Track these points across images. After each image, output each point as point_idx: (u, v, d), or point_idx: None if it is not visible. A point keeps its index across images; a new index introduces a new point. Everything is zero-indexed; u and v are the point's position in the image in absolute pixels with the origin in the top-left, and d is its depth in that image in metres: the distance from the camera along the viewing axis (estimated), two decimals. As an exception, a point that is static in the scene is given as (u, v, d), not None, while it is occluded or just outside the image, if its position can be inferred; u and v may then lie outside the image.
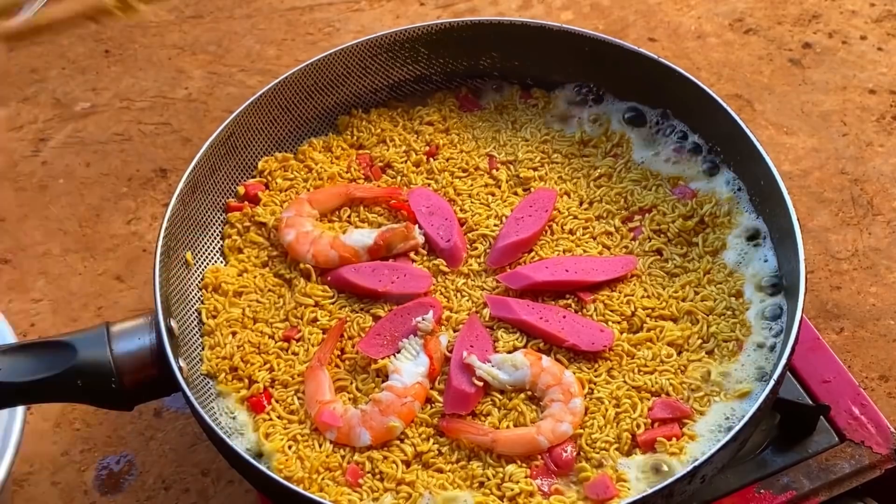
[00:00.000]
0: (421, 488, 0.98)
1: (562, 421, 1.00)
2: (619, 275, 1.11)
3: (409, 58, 1.30)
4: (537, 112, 1.29)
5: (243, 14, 1.86)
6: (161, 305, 1.04)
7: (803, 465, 1.05)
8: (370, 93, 1.30)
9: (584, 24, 1.78)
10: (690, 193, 1.18)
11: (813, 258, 1.43)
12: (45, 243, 1.52)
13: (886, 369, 1.32)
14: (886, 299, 1.39)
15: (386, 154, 1.25)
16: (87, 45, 1.80)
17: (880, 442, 1.06)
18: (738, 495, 1.03)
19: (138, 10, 1.80)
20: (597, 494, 0.96)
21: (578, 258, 1.13)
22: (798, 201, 1.49)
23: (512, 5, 1.85)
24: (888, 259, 1.43)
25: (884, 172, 1.53)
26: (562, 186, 1.20)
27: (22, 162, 1.63)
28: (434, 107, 1.30)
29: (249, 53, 1.79)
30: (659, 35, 1.76)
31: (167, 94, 1.73)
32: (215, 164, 1.19)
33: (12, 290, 1.47)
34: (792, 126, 1.61)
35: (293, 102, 1.26)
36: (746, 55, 1.72)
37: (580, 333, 1.06)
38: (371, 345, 1.07)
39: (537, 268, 1.11)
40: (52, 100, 1.72)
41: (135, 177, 1.60)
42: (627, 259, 1.12)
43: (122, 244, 1.52)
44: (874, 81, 1.66)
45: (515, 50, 1.29)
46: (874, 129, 1.59)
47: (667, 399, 1.02)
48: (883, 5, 1.78)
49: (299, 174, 1.24)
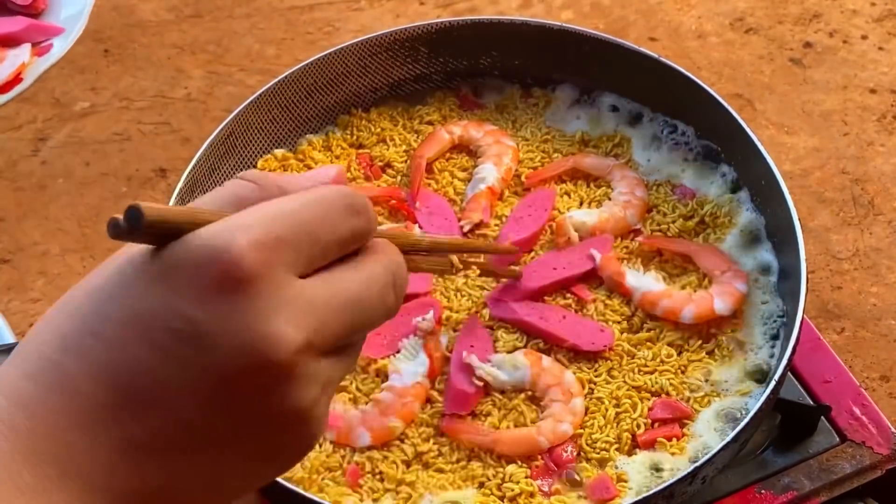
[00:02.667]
0: (421, 488, 0.98)
1: (562, 421, 1.00)
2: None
3: (409, 57, 1.30)
4: (537, 111, 1.29)
5: (243, 13, 1.86)
6: (160, 305, 1.04)
7: (804, 466, 1.05)
8: (370, 92, 1.30)
9: (585, 23, 1.78)
10: (690, 193, 1.18)
11: (814, 258, 1.43)
12: (44, 243, 1.52)
13: (887, 369, 1.32)
14: (887, 299, 1.39)
15: (386, 153, 1.25)
16: (86, 45, 1.80)
17: (881, 442, 1.06)
18: (739, 496, 1.02)
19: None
20: (597, 495, 0.96)
21: (560, 252, 1.12)
22: (799, 201, 1.49)
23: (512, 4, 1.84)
24: (889, 259, 1.43)
25: (885, 172, 1.53)
26: (562, 186, 1.20)
27: (21, 161, 1.63)
28: (434, 106, 1.30)
29: (249, 53, 1.78)
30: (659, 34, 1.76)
31: (166, 94, 1.72)
32: (215, 164, 1.19)
33: (11, 289, 1.47)
34: (793, 125, 1.61)
35: (293, 102, 1.25)
36: (747, 55, 1.72)
37: (580, 333, 1.06)
38: (371, 344, 1.07)
39: (527, 274, 1.10)
40: (52, 99, 1.72)
41: (134, 176, 1.60)
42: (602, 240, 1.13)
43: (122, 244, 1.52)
44: (875, 81, 1.66)
45: (516, 49, 1.29)
46: (875, 129, 1.59)
47: (667, 399, 1.02)
48: (884, 5, 1.78)
49: (299, 173, 1.23)
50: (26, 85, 1.17)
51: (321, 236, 0.53)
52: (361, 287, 0.55)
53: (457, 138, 1.24)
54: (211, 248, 0.50)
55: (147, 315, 0.50)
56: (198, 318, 0.49)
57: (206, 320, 0.49)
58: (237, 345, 0.49)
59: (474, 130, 1.24)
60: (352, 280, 0.55)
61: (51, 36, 1.23)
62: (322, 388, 0.53)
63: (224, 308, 0.49)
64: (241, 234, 0.50)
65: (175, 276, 0.50)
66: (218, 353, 0.49)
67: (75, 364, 0.50)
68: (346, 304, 0.54)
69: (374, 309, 0.56)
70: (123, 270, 0.52)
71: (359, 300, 0.55)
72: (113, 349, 0.50)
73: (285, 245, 0.51)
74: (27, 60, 1.19)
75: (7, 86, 1.17)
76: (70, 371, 0.50)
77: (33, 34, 1.23)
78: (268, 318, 0.50)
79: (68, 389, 0.49)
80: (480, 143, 1.23)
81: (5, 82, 1.17)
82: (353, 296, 0.55)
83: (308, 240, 0.53)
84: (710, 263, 1.10)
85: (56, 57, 1.19)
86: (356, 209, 0.56)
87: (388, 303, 0.57)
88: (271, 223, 0.52)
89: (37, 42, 1.22)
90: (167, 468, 0.51)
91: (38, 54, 1.20)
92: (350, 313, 0.54)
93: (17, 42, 1.22)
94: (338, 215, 0.55)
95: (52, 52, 1.20)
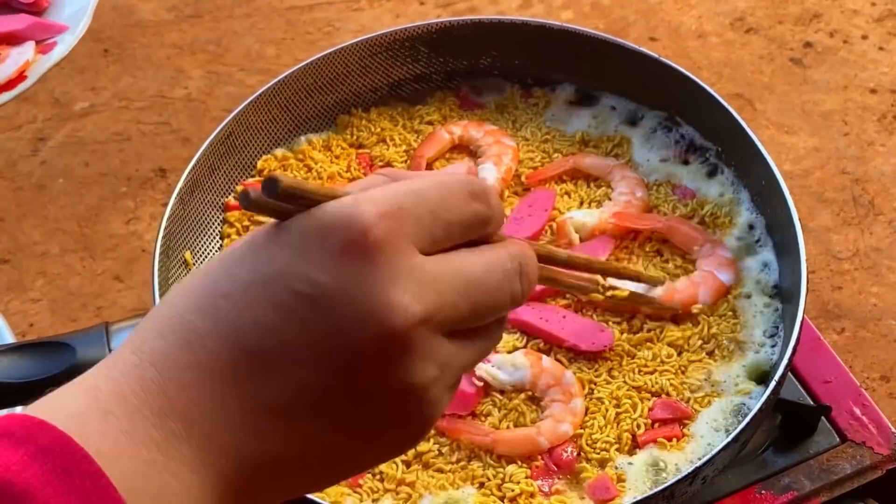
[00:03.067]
0: (421, 488, 0.98)
1: (562, 421, 1.00)
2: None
3: (408, 57, 1.30)
4: (537, 111, 1.28)
5: (243, 13, 1.86)
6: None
7: (804, 466, 1.04)
8: (370, 92, 1.30)
9: (585, 23, 1.78)
10: (690, 193, 1.18)
11: (814, 258, 1.43)
12: (43, 243, 1.52)
13: (888, 369, 1.32)
14: (888, 299, 1.38)
15: (386, 153, 1.24)
16: (86, 45, 1.80)
17: (881, 442, 1.06)
18: (739, 496, 1.02)
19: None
20: (597, 495, 0.96)
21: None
22: (799, 201, 1.48)
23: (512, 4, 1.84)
24: (889, 259, 1.43)
25: (885, 172, 1.53)
26: (562, 186, 1.20)
27: (20, 161, 1.63)
28: (434, 106, 1.30)
29: (249, 53, 1.78)
30: (659, 34, 1.76)
31: (166, 94, 1.72)
32: (214, 164, 1.19)
33: (11, 290, 1.46)
34: (793, 126, 1.61)
35: (292, 101, 1.25)
36: (747, 55, 1.72)
37: (580, 333, 1.06)
38: (371, 345, 1.07)
39: None
40: (51, 99, 1.72)
41: (134, 176, 1.60)
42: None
43: (122, 244, 1.51)
44: (875, 81, 1.66)
45: (516, 49, 1.28)
46: (875, 129, 1.59)
47: (667, 399, 1.02)
48: (884, 5, 1.78)
49: (299, 173, 1.23)
50: (30, 83, 1.16)
51: (444, 215, 0.54)
52: (484, 269, 0.56)
53: (457, 138, 1.24)
54: (338, 215, 0.51)
55: (273, 277, 0.51)
56: (322, 282, 0.50)
57: (330, 284, 0.50)
58: (357, 311, 0.50)
59: (474, 130, 1.24)
60: (475, 262, 0.55)
61: (54, 34, 1.22)
62: (440, 368, 0.53)
63: (348, 273, 0.50)
64: (368, 204, 0.52)
65: (303, 241, 0.52)
66: (338, 317, 0.50)
67: (203, 323, 0.51)
68: (468, 284, 0.54)
69: (499, 293, 0.56)
70: (255, 238, 0.54)
71: (482, 282, 0.55)
72: (239, 309, 0.51)
73: (409, 217, 0.53)
74: (31, 58, 1.19)
75: (10, 84, 1.17)
76: (199, 329, 0.51)
77: (37, 32, 1.22)
78: (390, 287, 0.51)
79: (196, 347, 0.51)
80: (480, 143, 1.23)
81: (9, 80, 1.17)
82: (476, 277, 0.55)
83: (431, 216, 0.54)
84: (687, 237, 1.11)
85: (60, 55, 1.18)
86: (476, 194, 0.56)
87: (513, 290, 0.57)
88: (399, 198, 0.53)
89: (41, 40, 1.22)
90: (284, 433, 0.51)
91: (42, 52, 1.20)
92: (472, 294, 0.54)
93: (21, 40, 1.21)
94: (460, 197, 0.55)
95: (55, 49, 1.20)
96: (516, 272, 0.57)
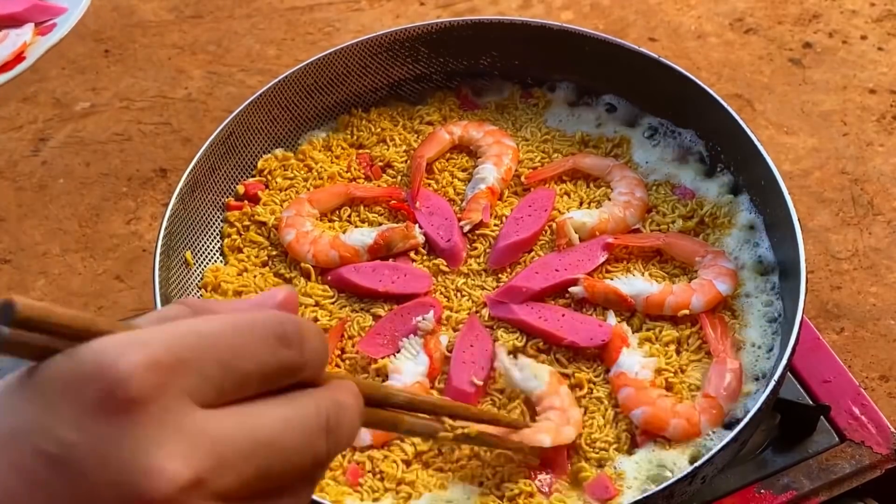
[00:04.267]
0: (421, 488, 0.98)
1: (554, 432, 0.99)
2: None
3: (409, 57, 1.30)
4: (537, 111, 1.29)
5: (243, 14, 1.86)
6: (161, 305, 1.04)
7: (804, 466, 1.05)
8: (370, 92, 1.30)
9: (585, 23, 1.78)
10: (690, 193, 1.18)
11: (813, 258, 1.43)
12: (44, 243, 1.52)
13: (887, 369, 1.32)
14: (887, 299, 1.39)
15: (386, 153, 1.25)
16: (87, 45, 1.80)
17: (880, 442, 1.06)
18: (739, 495, 1.03)
19: None
20: (596, 494, 0.96)
21: (561, 253, 1.12)
22: (798, 201, 1.49)
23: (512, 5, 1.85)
24: (888, 259, 1.43)
25: (884, 172, 1.53)
26: (561, 186, 1.20)
27: (21, 162, 1.63)
28: (434, 106, 1.30)
29: (249, 53, 1.79)
30: (659, 35, 1.76)
31: (167, 94, 1.73)
32: (215, 164, 1.19)
33: (12, 290, 1.47)
34: (792, 126, 1.61)
35: (293, 102, 1.26)
36: (747, 55, 1.72)
37: (578, 330, 1.06)
38: (371, 344, 1.07)
39: (528, 276, 1.10)
40: (52, 99, 1.72)
41: (135, 177, 1.60)
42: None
43: (122, 244, 1.52)
44: (874, 81, 1.66)
45: (515, 49, 1.29)
46: (874, 129, 1.59)
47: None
48: (883, 5, 1.78)
49: (299, 173, 1.24)
50: (28, 63, 1.16)
51: (237, 365, 0.47)
52: (281, 427, 0.49)
53: (457, 138, 1.24)
54: (95, 363, 0.44)
55: (18, 433, 0.44)
56: (70, 441, 0.44)
57: (81, 444, 0.44)
58: (111, 477, 0.43)
59: (474, 130, 1.24)
60: (270, 417, 0.48)
61: (53, 16, 1.22)
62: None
63: (102, 432, 0.44)
64: (135, 350, 0.45)
65: (52, 392, 0.44)
66: (90, 485, 0.43)
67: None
68: (256, 444, 0.47)
69: (296, 455, 0.49)
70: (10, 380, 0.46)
71: (274, 443, 0.48)
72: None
73: (188, 369, 0.46)
74: (29, 40, 1.18)
75: (9, 65, 1.16)
76: None
77: (36, 14, 1.22)
78: (150, 449, 0.44)
79: None
80: (480, 143, 1.23)
81: (7, 61, 1.16)
82: (268, 437, 0.48)
83: (219, 367, 0.47)
84: (686, 251, 1.11)
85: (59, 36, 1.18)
86: (288, 340, 0.49)
87: (316, 451, 0.50)
88: (176, 342, 0.46)
89: (40, 22, 1.22)
90: None
91: (41, 34, 1.20)
92: (261, 457, 0.47)
93: (20, 22, 1.22)
94: (263, 344, 0.49)
95: (55, 31, 1.19)
96: (322, 429, 0.50)
